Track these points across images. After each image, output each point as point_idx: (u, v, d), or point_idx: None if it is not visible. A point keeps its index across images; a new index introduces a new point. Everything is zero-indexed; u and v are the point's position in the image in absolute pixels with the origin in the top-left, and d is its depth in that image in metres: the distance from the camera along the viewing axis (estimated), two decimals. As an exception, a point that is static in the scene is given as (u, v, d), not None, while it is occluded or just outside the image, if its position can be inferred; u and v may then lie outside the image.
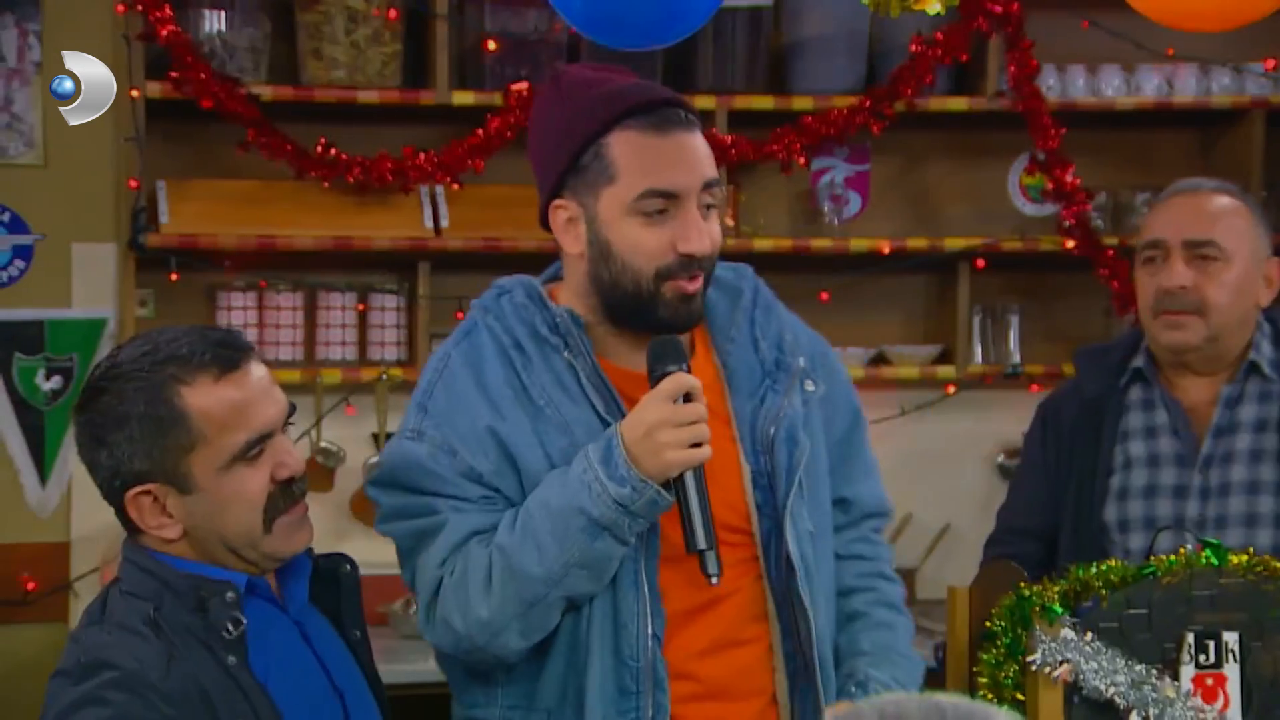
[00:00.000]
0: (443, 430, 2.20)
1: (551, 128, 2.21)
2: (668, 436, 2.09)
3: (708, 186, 2.19)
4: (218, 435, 1.90)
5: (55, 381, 4.02)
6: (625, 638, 2.17)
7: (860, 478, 2.40)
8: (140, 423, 1.90)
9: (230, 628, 1.91)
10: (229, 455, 1.90)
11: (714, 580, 2.12)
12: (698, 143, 2.21)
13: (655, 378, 2.13)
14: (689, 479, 2.11)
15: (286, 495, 1.95)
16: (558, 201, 2.22)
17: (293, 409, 1.99)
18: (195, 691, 1.87)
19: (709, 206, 2.20)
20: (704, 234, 2.18)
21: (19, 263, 4.01)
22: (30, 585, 4.00)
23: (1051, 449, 2.90)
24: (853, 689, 2.29)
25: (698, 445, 2.10)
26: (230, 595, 1.91)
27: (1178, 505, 2.80)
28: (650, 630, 2.17)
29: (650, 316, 2.20)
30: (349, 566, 2.08)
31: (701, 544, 2.11)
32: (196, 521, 1.93)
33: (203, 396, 1.90)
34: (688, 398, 2.11)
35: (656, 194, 2.17)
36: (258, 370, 1.95)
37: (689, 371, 2.14)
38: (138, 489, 1.92)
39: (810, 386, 2.29)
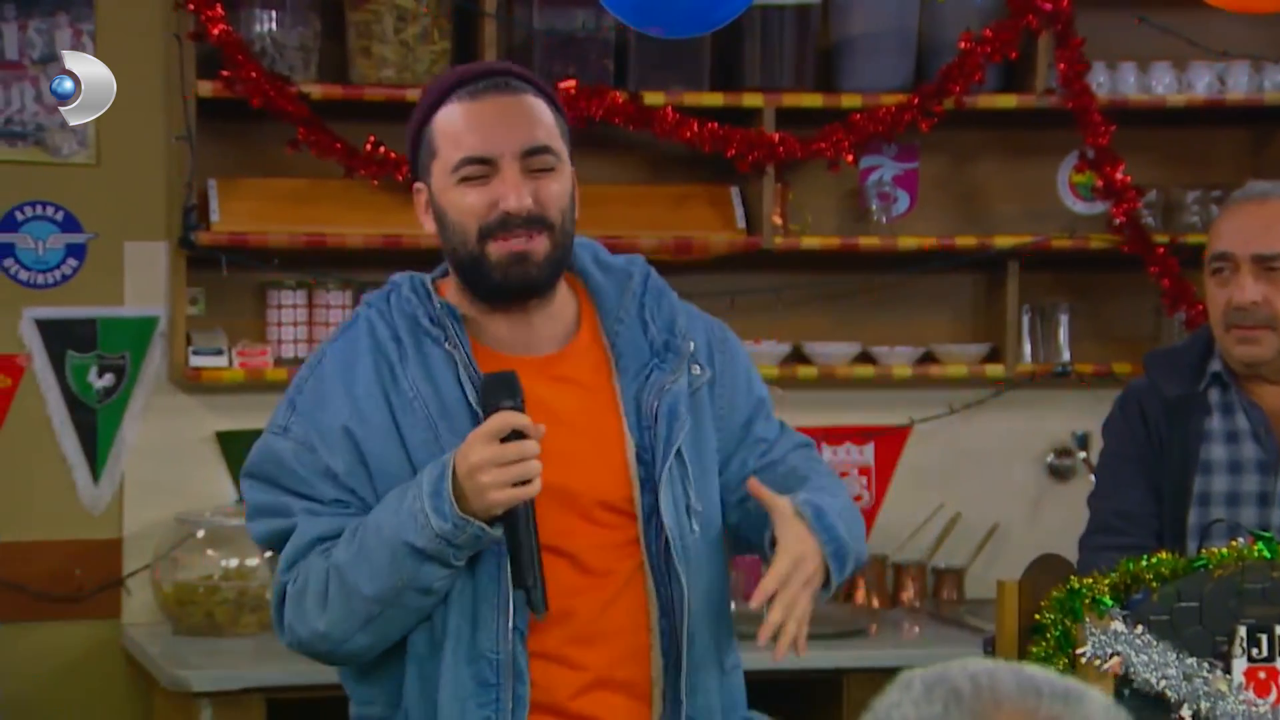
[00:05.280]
0: (305, 427, 2.23)
1: (408, 127, 2.30)
2: (490, 477, 2.09)
3: (531, 154, 2.22)
4: None
5: (107, 379, 4.05)
6: (485, 630, 2.17)
7: (768, 449, 2.36)
8: None
9: None
10: None
11: (540, 616, 2.15)
12: (520, 105, 2.24)
13: (487, 414, 2.14)
14: (519, 514, 2.12)
15: None
16: (415, 186, 2.29)
17: None
18: None
19: (541, 170, 2.22)
20: (521, 192, 2.20)
21: (72, 261, 4.04)
22: (82, 582, 4.02)
23: (1142, 440, 2.86)
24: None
25: (526, 482, 2.11)
26: None
27: (1262, 514, 2.78)
28: (511, 623, 2.17)
29: (487, 281, 2.23)
30: None
31: (526, 581, 2.13)
32: None
33: None
34: (518, 435, 2.11)
35: (469, 161, 2.21)
36: None
37: (522, 406, 2.13)
38: None
39: (697, 370, 2.29)
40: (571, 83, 4.02)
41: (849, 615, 4.11)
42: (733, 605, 2.40)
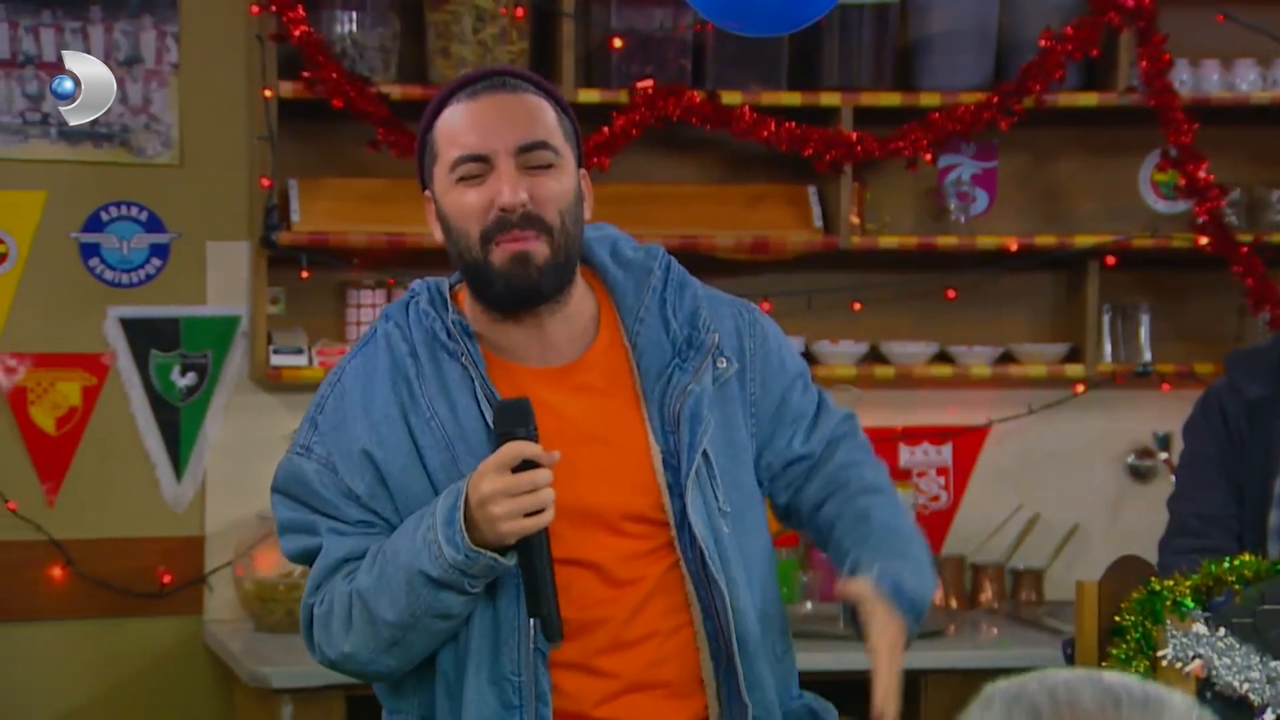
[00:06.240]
0: (327, 447, 2.21)
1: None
2: (501, 508, 2.06)
3: (526, 149, 2.18)
4: None
5: (190, 378, 4.09)
6: (506, 651, 2.15)
7: (810, 427, 2.33)
8: None
9: None
10: None
11: (555, 645, 2.13)
12: (516, 103, 2.20)
13: (500, 444, 2.11)
14: (533, 544, 2.10)
15: None
16: (424, 194, 2.26)
17: None
18: None
19: (538, 167, 2.18)
20: (516, 187, 2.16)
21: (155, 261, 4.09)
22: (165, 579, 4.07)
23: (1223, 442, 2.84)
24: (845, 573, 2.23)
25: (540, 511, 2.08)
26: None
27: None
28: (532, 645, 2.15)
29: (491, 289, 2.19)
30: None
31: (540, 611, 2.11)
32: None
33: None
34: (530, 464, 2.08)
35: (465, 159, 2.17)
36: None
37: (534, 434, 2.10)
38: None
39: (723, 364, 2.24)
40: (649, 82, 4.02)
41: (927, 616, 4.08)
42: (808, 604, 2.39)
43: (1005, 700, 1.16)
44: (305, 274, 4.01)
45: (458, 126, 2.19)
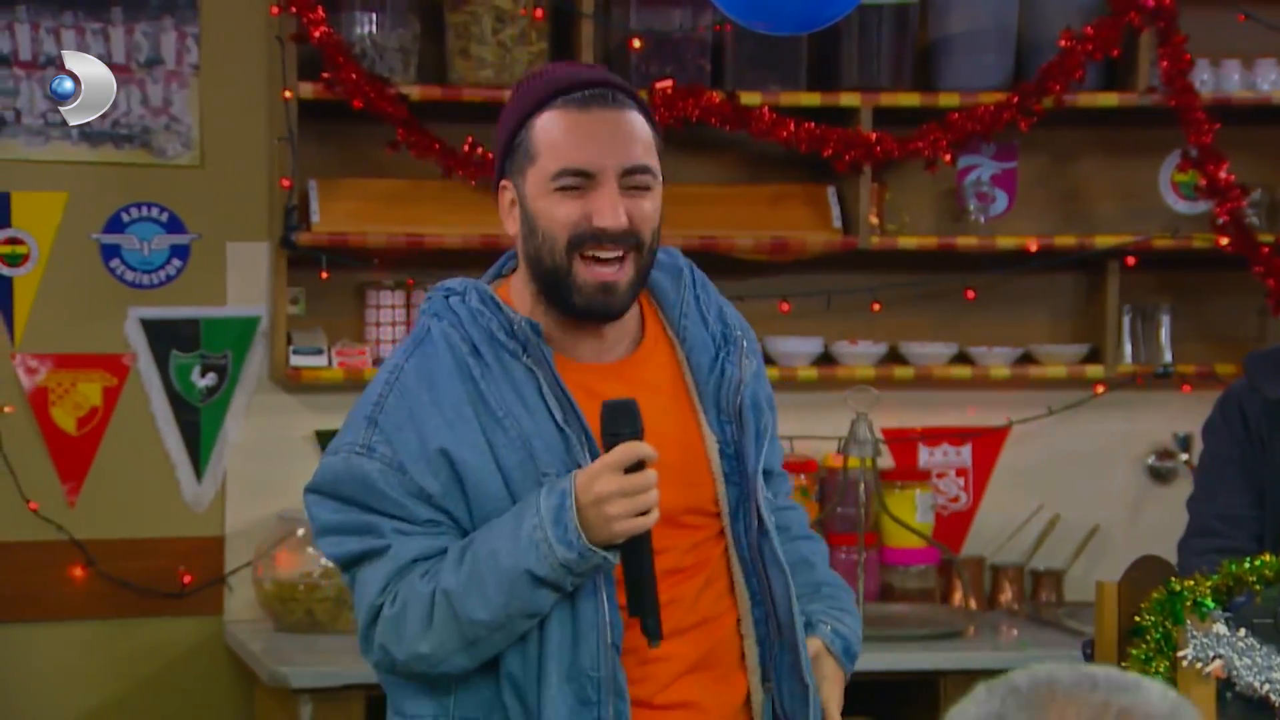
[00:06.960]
0: (394, 446, 2.18)
1: (499, 123, 2.27)
2: (617, 508, 2.09)
3: (631, 172, 2.19)
4: None
5: (210, 379, 4.10)
6: (585, 648, 2.16)
7: (776, 450, 2.43)
8: None
9: None
10: None
11: (654, 644, 2.15)
12: (623, 122, 2.20)
13: (608, 443, 2.13)
14: (639, 543, 2.12)
15: None
16: (502, 183, 2.26)
17: None
18: None
19: (637, 188, 2.20)
20: (617, 211, 2.17)
21: (176, 262, 4.10)
22: (186, 579, 4.08)
23: (1243, 442, 2.83)
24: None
25: (646, 512, 2.11)
26: None
27: None
28: (610, 640, 2.17)
29: (567, 300, 2.20)
30: None
31: (644, 610, 2.13)
32: None
33: None
34: (640, 465, 2.11)
35: (570, 172, 2.18)
36: None
37: (641, 433, 2.12)
38: None
39: (748, 362, 2.32)
40: (669, 83, 4.02)
41: (946, 617, 4.09)
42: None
43: (989, 685, 1.24)
44: (325, 274, 4.02)
45: (564, 136, 2.18)
